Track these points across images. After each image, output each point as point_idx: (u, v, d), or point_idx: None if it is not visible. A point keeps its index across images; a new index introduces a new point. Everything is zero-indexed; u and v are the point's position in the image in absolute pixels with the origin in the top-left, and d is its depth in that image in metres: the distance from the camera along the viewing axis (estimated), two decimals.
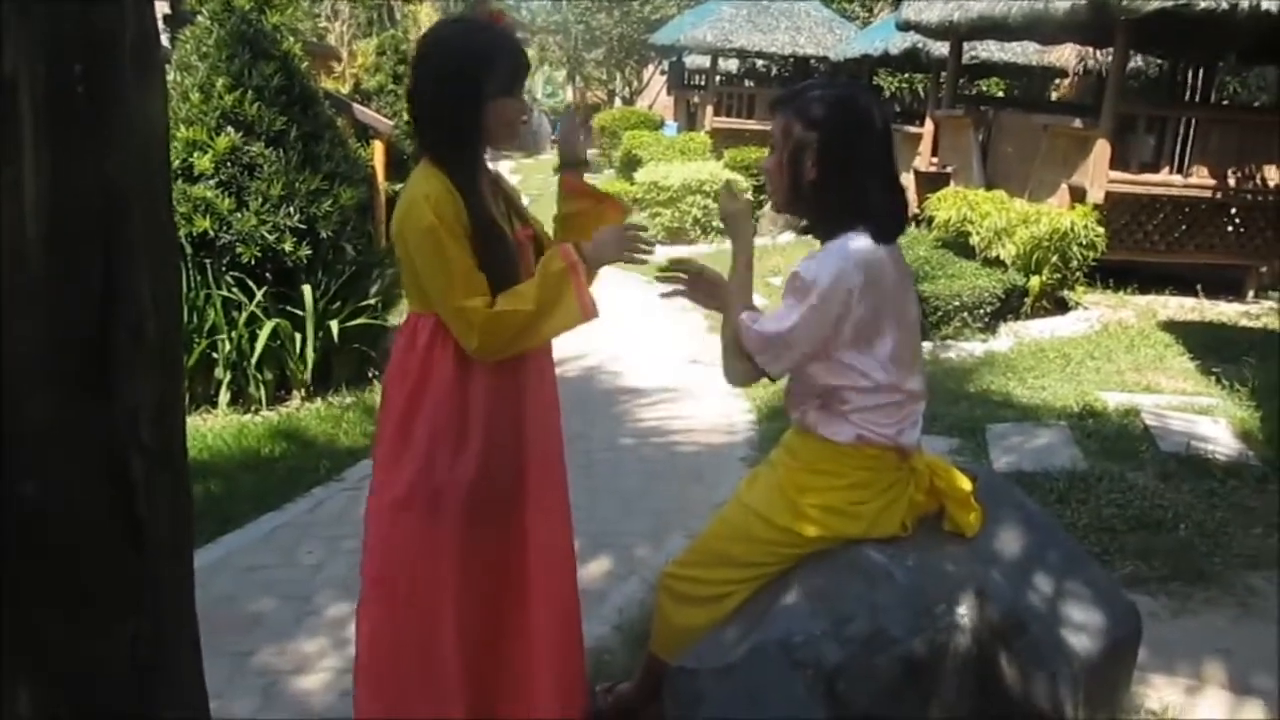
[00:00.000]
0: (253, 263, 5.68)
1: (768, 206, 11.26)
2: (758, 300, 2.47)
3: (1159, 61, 14.62)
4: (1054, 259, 8.05)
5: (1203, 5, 7.58)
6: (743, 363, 2.23)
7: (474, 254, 2.11)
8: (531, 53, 35.17)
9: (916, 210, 10.52)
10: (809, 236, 2.33)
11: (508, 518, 2.25)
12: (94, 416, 1.06)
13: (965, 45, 13.04)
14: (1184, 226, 8.96)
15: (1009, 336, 7.68)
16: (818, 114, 2.16)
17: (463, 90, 2.09)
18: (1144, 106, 9.71)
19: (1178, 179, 8.82)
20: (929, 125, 12.15)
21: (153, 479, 1.11)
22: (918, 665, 2.11)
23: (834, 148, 2.15)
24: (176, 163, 5.62)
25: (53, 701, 1.02)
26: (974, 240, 8.65)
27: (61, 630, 1.05)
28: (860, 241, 2.12)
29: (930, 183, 11.30)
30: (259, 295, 5.68)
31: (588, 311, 2.16)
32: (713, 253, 11.38)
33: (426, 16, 17.67)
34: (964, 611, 2.15)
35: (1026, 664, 2.18)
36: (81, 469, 1.06)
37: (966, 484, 2.33)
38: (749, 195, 12.61)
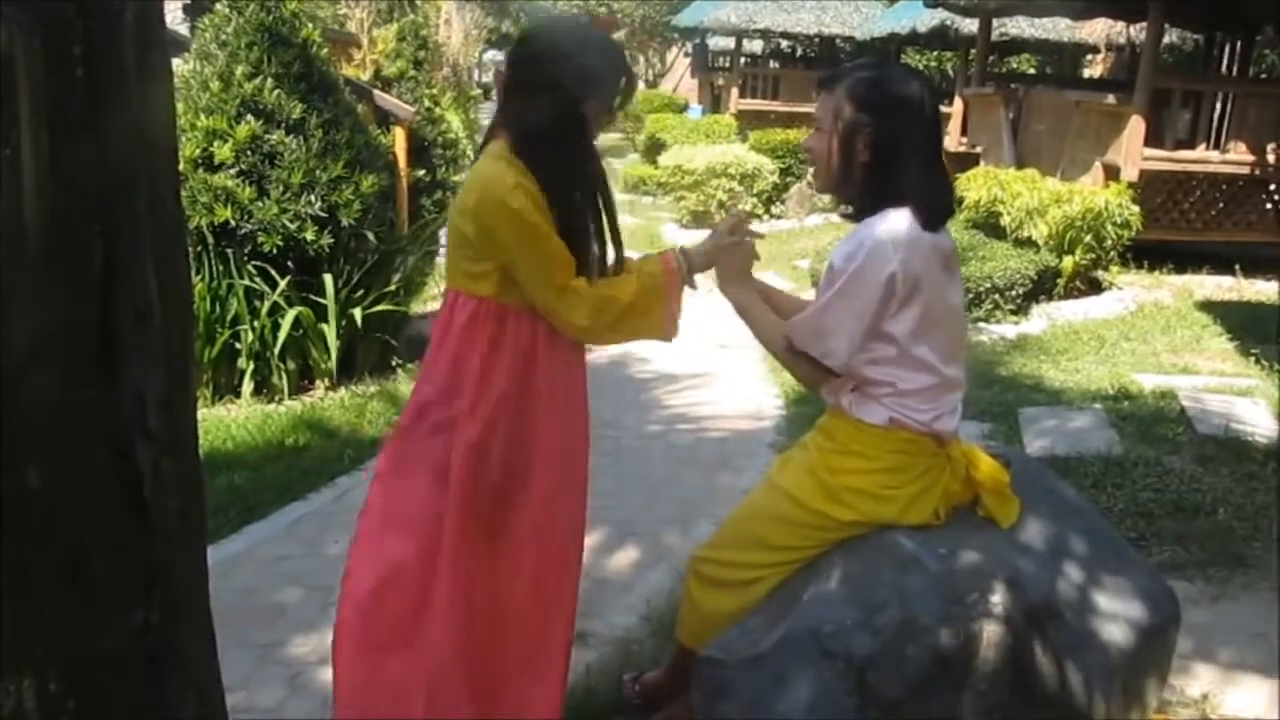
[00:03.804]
0: (274, 252, 5.68)
1: (794, 188, 11.10)
2: (783, 285, 2.44)
3: (1194, 35, 14.38)
4: (1087, 239, 7.95)
5: None
6: (802, 363, 2.20)
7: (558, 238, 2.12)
8: None
9: None
10: (837, 218, 2.30)
11: (504, 510, 2.22)
12: (97, 402, 1.05)
13: (995, 21, 12.89)
14: (1221, 204, 8.83)
15: (1042, 318, 7.60)
16: (872, 96, 2.12)
17: (560, 94, 2.06)
18: (1179, 81, 9.55)
19: (1215, 155, 8.68)
20: (958, 104, 12.02)
21: (161, 466, 1.10)
22: (949, 655, 2.08)
23: (888, 131, 2.11)
24: (197, 152, 5.64)
25: (59, 695, 1.02)
26: (1005, 221, 8.56)
27: (67, 621, 1.04)
28: (897, 223, 2.08)
29: (960, 163, 11.18)
30: (281, 284, 5.69)
31: (670, 327, 2.22)
32: None
33: (448, 1, 17.65)
34: (997, 600, 2.12)
35: (1062, 653, 2.15)
36: (85, 456, 1.05)
37: (1004, 475, 2.30)
38: (775, 177, 12.55)
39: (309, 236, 5.73)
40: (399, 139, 9.19)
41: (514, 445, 2.21)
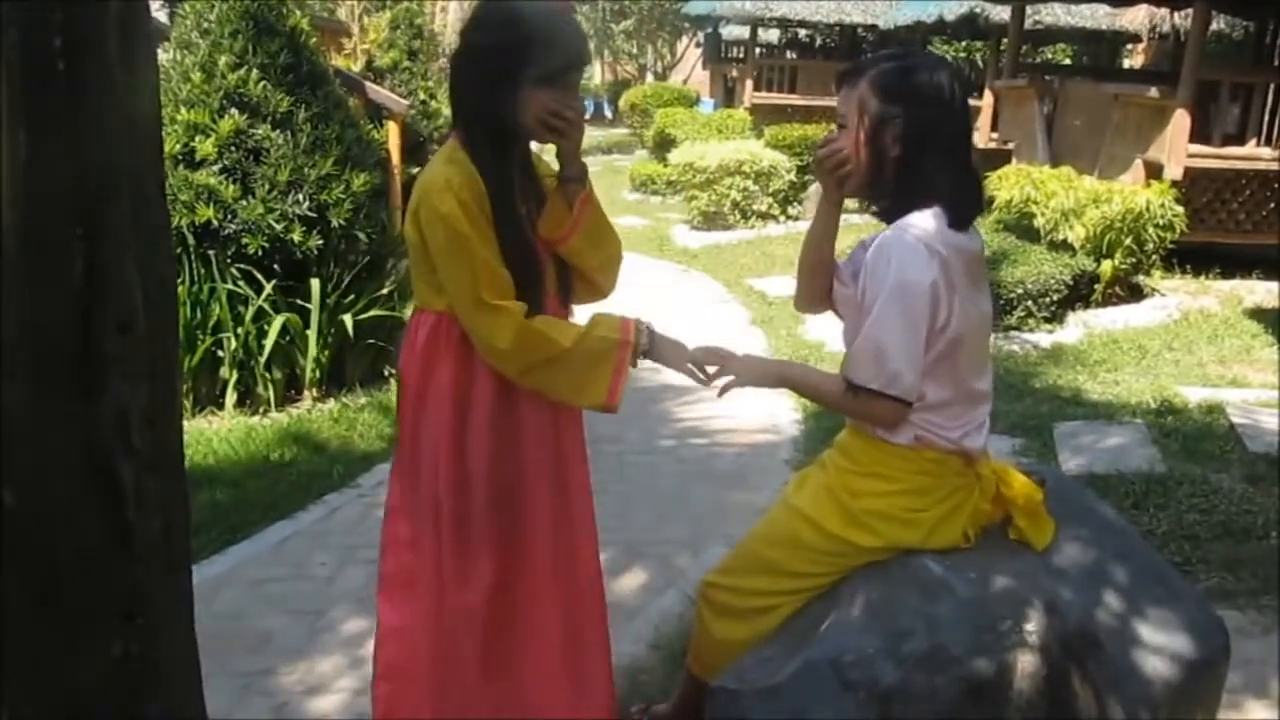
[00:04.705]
0: (260, 254, 5.70)
1: (812, 187, 11.09)
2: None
3: (1244, 22, 14.38)
4: (1127, 241, 7.94)
5: None
6: (865, 402, 2.15)
7: (499, 254, 2.10)
8: None
9: None
10: (857, 219, 2.31)
11: (506, 537, 2.25)
12: (78, 417, 1.05)
13: (1028, 9, 12.89)
14: (1272, 204, 8.80)
15: (1078, 327, 7.59)
16: (899, 86, 2.12)
17: (498, 74, 2.06)
18: (1227, 72, 9.52)
19: (1266, 152, 8.65)
20: (988, 97, 12.02)
21: (144, 486, 1.11)
22: (980, 686, 2.08)
23: (918, 123, 2.11)
24: (178, 147, 5.66)
25: None
26: (1039, 222, 8.55)
27: (45, 651, 1.04)
28: (926, 225, 2.09)
29: (990, 160, 11.17)
30: (267, 289, 5.70)
31: (612, 399, 2.14)
32: (753, 238, 11.34)
33: None
34: (1031, 628, 2.12)
35: (1101, 687, 2.14)
36: (64, 475, 1.05)
37: (1038, 493, 2.29)
38: (792, 175, 12.55)
39: (296, 238, 5.74)
40: (392, 134, 9.22)
41: (503, 465, 2.22)
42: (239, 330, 5.67)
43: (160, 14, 8.80)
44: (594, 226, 2.27)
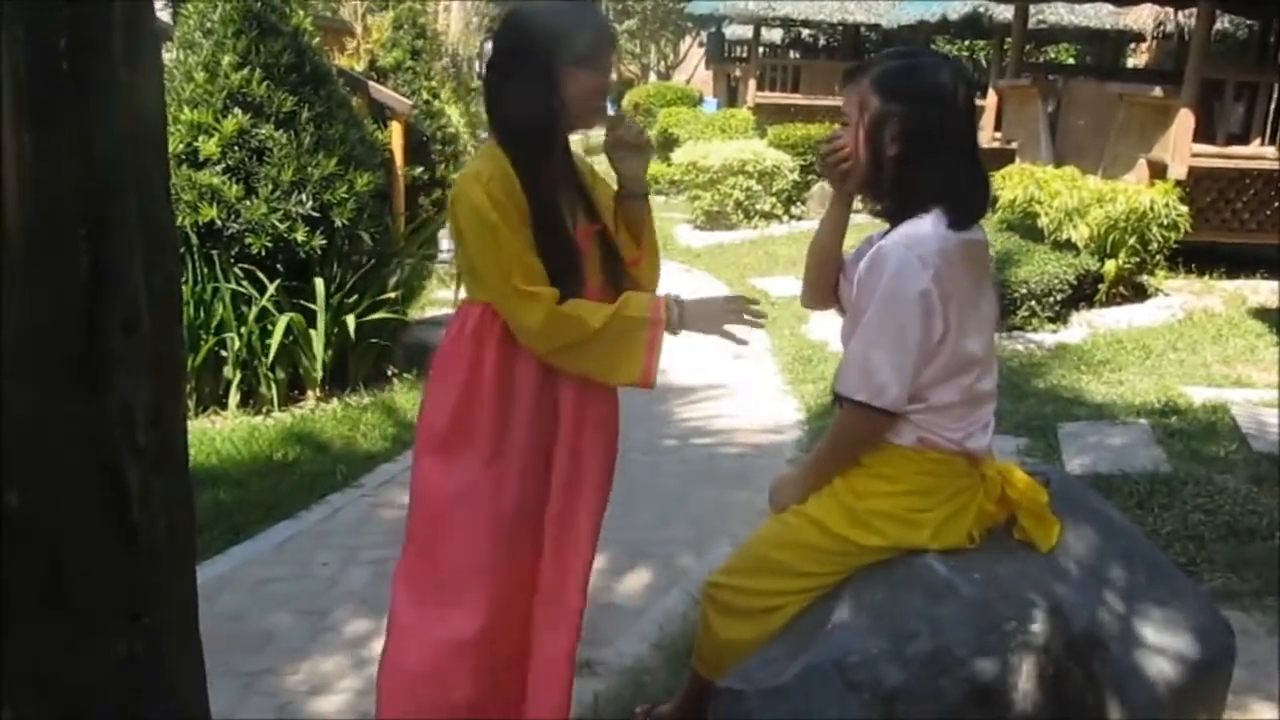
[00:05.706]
0: (263, 254, 5.71)
1: (815, 187, 11.07)
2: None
3: (1248, 21, 14.37)
4: (1131, 241, 7.93)
5: None
6: (857, 415, 2.18)
7: (533, 244, 2.14)
8: None
9: None
10: (862, 219, 2.32)
11: (532, 527, 2.29)
12: (83, 417, 1.06)
13: (1032, 8, 12.88)
14: (1276, 204, 8.79)
15: (1082, 326, 7.58)
16: (899, 85, 2.13)
17: (532, 62, 2.11)
18: (1232, 71, 9.50)
19: (1270, 151, 8.64)
20: (992, 97, 12.02)
21: (150, 486, 1.11)
22: (985, 688, 2.08)
23: (918, 122, 2.11)
24: (181, 147, 5.67)
25: None
26: (1042, 222, 8.54)
27: (49, 650, 1.04)
28: (921, 233, 2.08)
29: (994, 159, 11.16)
30: (270, 289, 5.71)
31: (647, 376, 2.19)
32: (755, 238, 11.34)
33: None
34: (1036, 629, 2.12)
35: (1106, 688, 2.14)
36: (69, 475, 1.05)
37: (1043, 494, 2.29)
38: (795, 175, 12.55)
39: (300, 238, 5.75)
40: (395, 134, 9.21)
41: (540, 469, 2.26)
42: (242, 330, 5.68)
43: (163, 13, 8.80)
44: (653, 246, 2.42)
